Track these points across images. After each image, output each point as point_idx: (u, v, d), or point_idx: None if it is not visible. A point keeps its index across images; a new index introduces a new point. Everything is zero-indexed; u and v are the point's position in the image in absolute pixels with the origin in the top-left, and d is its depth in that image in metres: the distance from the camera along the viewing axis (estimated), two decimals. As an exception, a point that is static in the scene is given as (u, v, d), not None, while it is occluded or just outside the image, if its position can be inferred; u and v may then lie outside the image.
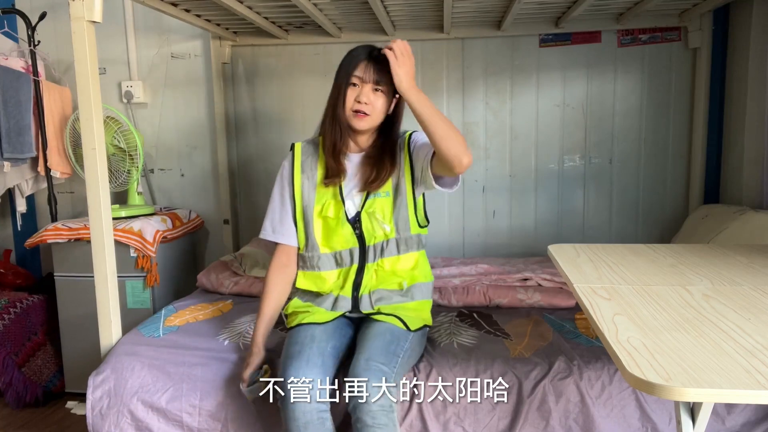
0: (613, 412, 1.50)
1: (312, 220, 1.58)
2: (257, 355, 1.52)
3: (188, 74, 2.83)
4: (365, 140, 1.58)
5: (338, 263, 1.58)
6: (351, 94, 1.48)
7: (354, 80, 1.47)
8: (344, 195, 1.57)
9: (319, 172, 1.59)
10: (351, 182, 1.58)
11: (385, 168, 1.54)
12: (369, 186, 1.54)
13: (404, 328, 1.50)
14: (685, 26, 2.51)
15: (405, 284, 1.59)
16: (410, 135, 1.61)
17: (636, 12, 2.34)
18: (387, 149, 1.56)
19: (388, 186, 1.57)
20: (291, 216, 1.61)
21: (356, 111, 1.48)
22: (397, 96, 1.54)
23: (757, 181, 2.27)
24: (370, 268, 1.56)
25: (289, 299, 1.65)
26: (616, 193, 2.69)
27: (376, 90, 1.48)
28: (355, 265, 1.56)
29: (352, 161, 1.58)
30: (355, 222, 1.56)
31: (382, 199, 1.57)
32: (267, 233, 1.63)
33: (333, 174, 1.55)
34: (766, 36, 2.21)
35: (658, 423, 1.50)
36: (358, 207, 1.57)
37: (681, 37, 2.55)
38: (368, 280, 1.56)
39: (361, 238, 1.56)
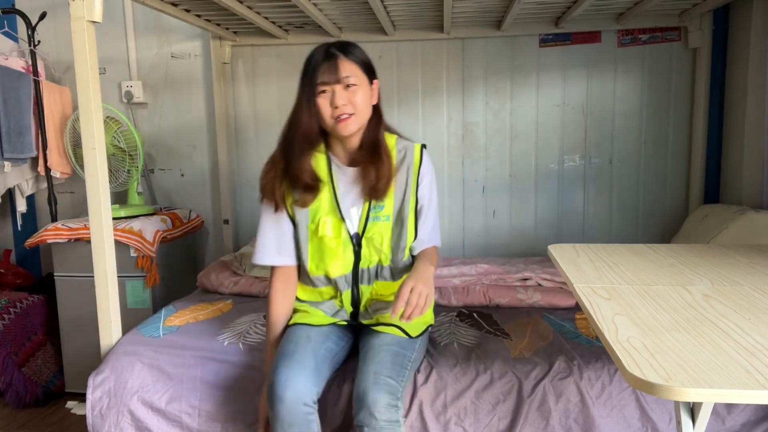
0: (613, 412, 1.50)
1: (305, 240, 1.48)
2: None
3: (188, 74, 2.83)
4: (354, 142, 1.45)
5: (331, 283, 1.52)
6: (323, 103, 1.36)
7: (321, 87, 1.35)
8: (343, 212, 1.46)
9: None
10: (348, 196, 1.46)
11: (384, 165, 1.41)
12: (375, 193, 1.42)
13: (407, 336, 1.47)
14: (685, 26, 2.51)
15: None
16: (422, 154, 1.49)
17: (636, 12, 2.34)
18: (377, 145, 1.43)
19: (389, 208, 1.47)
20: (289, 234, 1.49)
21: (337, 117, 1.35)
22: (374, 81, 1.43)
23: (757, 181, 2.27)
24: (365, 290, 1.52)
25: None
26: (616, 193, 2.69)
27: (349, 86, 1.35)
28: (349, 290, 1.52)
29: (346, 173, 1.46)
30: (356, 245, 1.48)
31: (381, 224, 1.47)
32: (261, 257, 1.50)
33: (307, 189, 1.43)
34: (766, 36, 2.21)
35: (658, 423, 1.50)
36: (357, 228, 1.47)
37: (681, 37, 2.55)
38: (365, 299, 1.53)
39: (356, 261, 1.49)
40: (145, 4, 1.95)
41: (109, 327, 1.70)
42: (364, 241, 1.47)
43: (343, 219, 1.46)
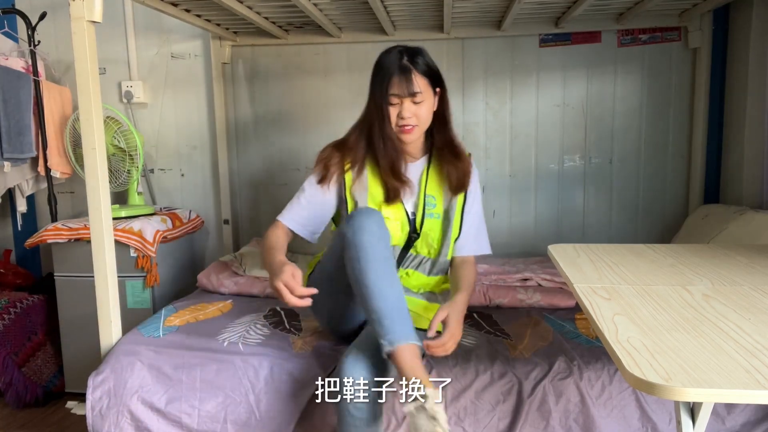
0: (613, 412, 1.50)
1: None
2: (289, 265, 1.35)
3: (188, 74, 2.83)
4: (415, 146, 1.59)
5: None
6: (392, 112, 1.47)
7: (392, 99, 1.45)
8: (407, 207, 1.58)
9: (373, 190, 1.56)
10: (412, 194, 1.59)
11: (455, 166, 1.55)
12: (460, 187, 1.57)
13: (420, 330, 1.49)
14: (685, 26, 2.51)
15: (422, 289, 1.63)
16: (471, 163, 1.63)
17: (636, 12, 2.34)
18: (448, 148, 1.57)
19: (440, 208, 1.59)
20: (324, 209, 1.58)
21: (402, 126, 1.47)
22: (438, 90, 1.53)
23: (757, 181, 2.27)
24: (401, 272, 1.59)
25: None
26: (616, 192, 2.69)
27: (416, 102, 1.46)
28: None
29: (410, 171, 1.59)
30: (413, 232, 1.58)
31: (434, 221, 1.58)
32: (288, 220, 1.57)
33: (395, 194, 1.53)
34: (766, 36, 2.21)
35: (658, 423, 1.50)
36: (414, 221, 1.59)
37: (681, 37, 2.55)
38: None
39: (406, 245, 1.59)
40: (145, 4, 1.95)
41: (109, 327, 1.70)
42: (422, 234, 1.58)
43: (405, 209, 1.57)
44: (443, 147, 1.58)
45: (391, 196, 1.53)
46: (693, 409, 0.92)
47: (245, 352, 1.65)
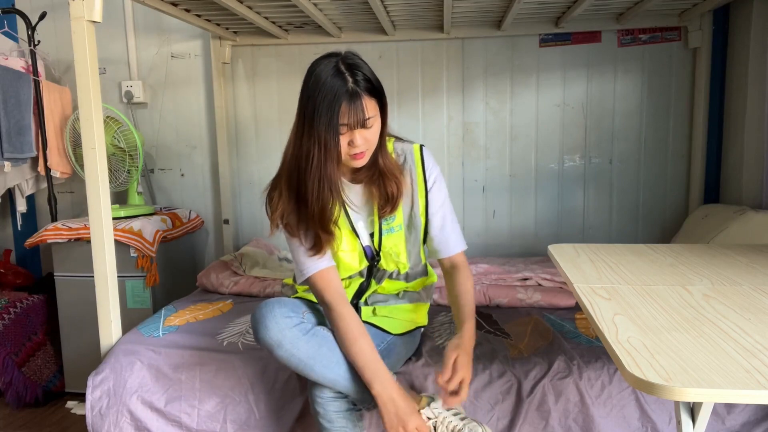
0: (613, 412, 1.50)
1: None
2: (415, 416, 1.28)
3: (188, 74, 2.83)
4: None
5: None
6: (342, 142, 1.25)
7: (341, 129, 1.23)
8: (357, 229, 1.43)
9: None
10: (361, 212, 1.44)
11: (389, 182, 1.37)
12: (384, 210, 1.39)
13: (388, 333, 1.48)
14: (685, 26, 2.51)
15: (402, 292, 1.57)
16: (422, 154, 1.44)
17: (636, 12, 2.34)
18: (382, 162, 1.37)
19: (400, 218, 1.44)
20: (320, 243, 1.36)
21: (353, 154, 1.27)
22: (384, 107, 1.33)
23: (757, 181, 2.27)
24: (374, 284, 1.52)
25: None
26: (616, 193, 2.69)
27: (368, 127, 1.26)
28: (358, 280, 1.50)
29: (353, 190, 1.42)
30: (372, 258, 1.46)
31: (395, 235, 1.44)
32: (306, 270, 1.37)
33: (322, 244, 1.33)
34: (766, 36, 2.21)
35: (658, 423, 1.50)
36: (369, 242, 1.45)
37: (681, 37, 2.55)
38: (370, 291, 1.53)
39: (370, 268, 1.48)
40: (145, 4, 1.95)
41: (109, 327, 1.70)
42: (382, 255, 1.45)
43: (357, 235, 1.43)
44: (379, 156, 1.36)
45: (317, 247, 1.33)
46: (693, 409, 0.92)
47: (245, 352, 1.65)
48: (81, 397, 2.32)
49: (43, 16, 2.49)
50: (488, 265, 2.28)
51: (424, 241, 1.50)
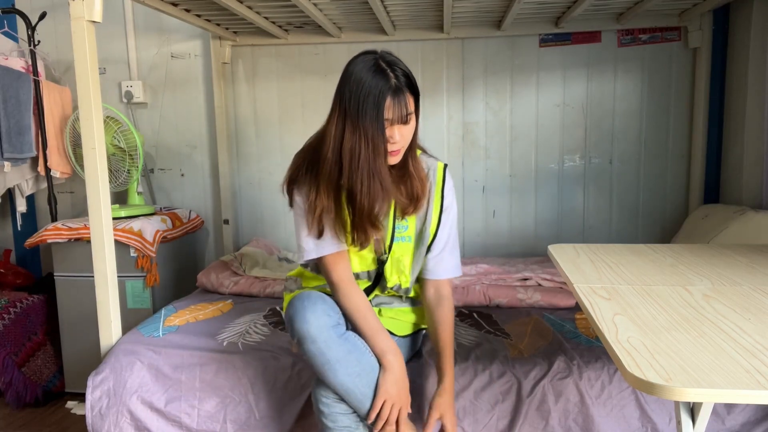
0: (613, 412, 1.50)
1: None
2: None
3: (188, 74, 2.83)
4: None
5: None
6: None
7: (385, 124, 1.25)
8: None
9: (342, 229, 1.35)
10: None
11: (415, 185, 1.37)
12: (408, 210, 1.39)
13: (389, 332, 1.46)
14: (685, 26, 2.51)
15: (405, 296, 1.55)
16: (444, 172, 1.45)
17: (636, 12, 2.34)
18: (412, 163, 1.38)
19: (412, 229, 1.43)
20: (330, 230, 1.35)
21: (390, 151, 1.28)
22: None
23: (757, 181, 2.27)
24: (378, 290, 1.51)
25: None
26: (616, 193, 2.69)
27: (406, 123, 1.29)
28: (368, 282, 1.49)
29: None
30: (378, 263, 1.45)
31: (405, 245, 1.43)
32: (310, 251, 1.37)
33: (363, 242, 1.33)
34: (766, 36, 2.21)
35: (658, 423, 1.50)
36: (385, 241, 1.43)
37: (681, 37, 2.55)
38: (374, 294, 1.52)
39: (378, 274, 1.47)
40: (145, 4, 1.95)
41: (109, 327, 1.70)
42: (389, 260, 1.43)
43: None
44: (407, 158, 1.37)
45: (358, 244, 1.34)
46: (693, 409, 0.92)
47: (245, 352, 1.65)
48: (81, 397, 2.32)
49: (43, 16, 2.49)
50: (488, 265, 2.29)
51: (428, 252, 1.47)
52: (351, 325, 1.35)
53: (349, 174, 1.25)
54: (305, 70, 2.77)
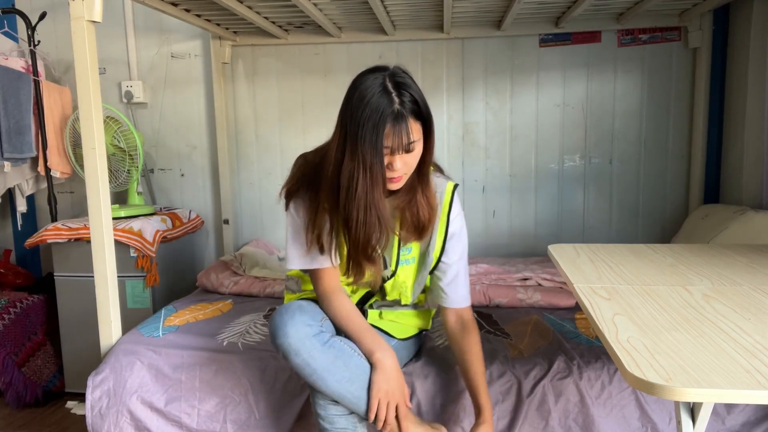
0: (613, 412, 1.50)
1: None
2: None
3: (188, 74, 2.83)
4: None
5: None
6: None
7: (384, 151, 1.17)
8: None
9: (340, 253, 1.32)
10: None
11: (422, 213, 1.31)
12: (409, 238, 1.35)
13: (393, 338, 1.48)
14: (685, 26, 2.51)
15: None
16: (453, 194, 1.39)
17: (636, 12, 2.34)
18: (421, 191, 1.31)
19: (416, 251, 1.40)
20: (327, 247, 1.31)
21: (390, 177, 1.22)
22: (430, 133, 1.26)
23: (757, 181, 2.27)
24: (378, 296, 1.50)
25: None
26: (616, 193, 2.69)
27: (410, 151, 1.20)
28: (369, 288, 1.48)
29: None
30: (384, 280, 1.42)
31: (408, 267, 1.40)
32: (294, 262, 1.34)
33: (357, 275, 1.30)
34: (766, 36, 2.20)
35: (658, 423, 1.50)
36: (390, 265, 1.40)
37: (681, 37, 2.55)
38: (375, 299, 1.52)
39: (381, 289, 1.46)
40: (145, 4, 1.95)
41: (109, 327, 1.70)
42: (391, 281, 1.41)
43: (384, 260, 1.39)
44: (418, 180, 1.30)
45: (352, 275, 1.30)
46: (693, 409, 0.92)
47: (245, 352, 1.65)
48: (81, 397, 2.32)
49: (43, 16, 2.49)
50: (488, 265, 2.28)
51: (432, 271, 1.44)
52: (339, 330, 1.33)
53: (345, 202, 1.19)
54: (305, 70, 2.77)
